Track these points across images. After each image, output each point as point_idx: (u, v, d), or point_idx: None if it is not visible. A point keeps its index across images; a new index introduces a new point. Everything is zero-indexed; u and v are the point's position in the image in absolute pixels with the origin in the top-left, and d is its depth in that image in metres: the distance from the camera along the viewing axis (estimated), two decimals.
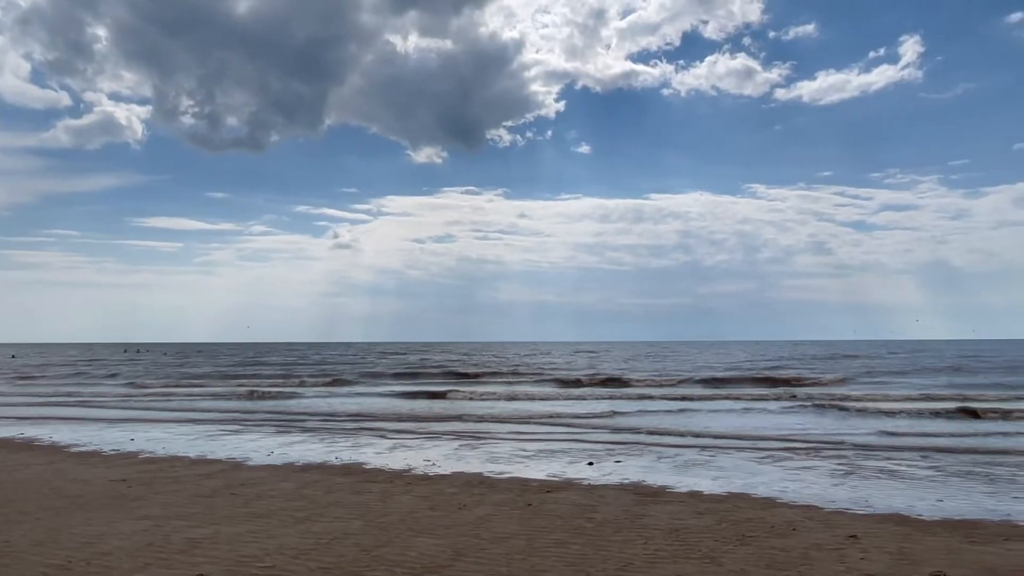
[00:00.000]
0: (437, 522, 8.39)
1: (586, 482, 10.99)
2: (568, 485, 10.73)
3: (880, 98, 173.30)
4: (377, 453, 14.01)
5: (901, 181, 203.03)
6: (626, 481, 11.07)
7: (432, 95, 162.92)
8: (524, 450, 14.27)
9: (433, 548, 7.30)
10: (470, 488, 10.45)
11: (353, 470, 12.08)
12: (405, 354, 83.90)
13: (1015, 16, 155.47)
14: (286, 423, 19.74)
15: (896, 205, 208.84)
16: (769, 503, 9.52)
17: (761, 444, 15.17)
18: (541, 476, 11.48)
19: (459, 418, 20.75)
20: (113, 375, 46.95)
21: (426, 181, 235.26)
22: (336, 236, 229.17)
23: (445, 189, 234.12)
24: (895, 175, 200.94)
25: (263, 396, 28.64)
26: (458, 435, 16.82)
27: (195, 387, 34.93)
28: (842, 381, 35.51)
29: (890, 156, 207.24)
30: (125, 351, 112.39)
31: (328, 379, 38.87)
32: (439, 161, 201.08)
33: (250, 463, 12.84)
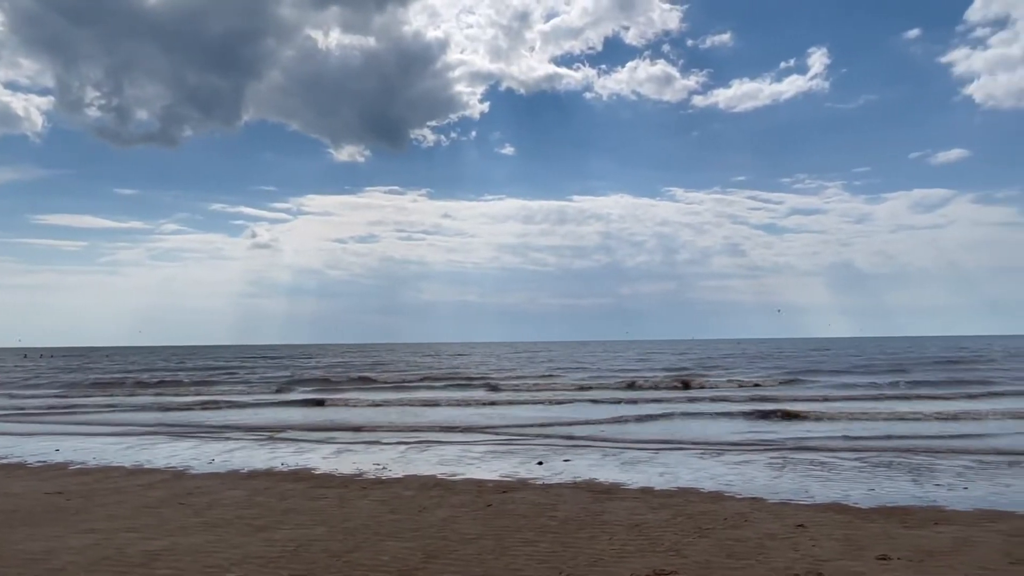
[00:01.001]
0: (401, 525, 8.41)
1: (539, 481, 11.19)
2: (523, 485, 10.90)
3: (790, 107, 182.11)
4: (323, 458, 13.81)
5: (809, 186, 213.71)
6: (578, 479, 11.33)
7: (354, 93, 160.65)
8: (471, 452, 14.36)
9: (404, 551, 7.32)
10: (427, 491, 10.47)
11: (302, 476, 11.90)
12: (314, 357, 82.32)
13: (912, 32, 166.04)
14: (210, 432, 19.15)
15: (804, 209, 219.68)
16: (718, 497, 9.95)
17: (701, 442, 15.77)
18: (494, 477, 11.62)
19: (345, 428, 20.63)
20: (5, 383, 44.23)
21: (348, 180, 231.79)
22: (254, 235, 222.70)
23: (368, 188, 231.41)
24: (803, 180, 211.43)
25: (172, 407, 27.57)
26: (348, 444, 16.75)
27: (105, 395, 33.36)
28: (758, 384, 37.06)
29: (799, 162, 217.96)
30: (25, 356, 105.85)
31: (245, 385, 37.81)
32: (361, 160, 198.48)
33: (193, 472, 12.44)
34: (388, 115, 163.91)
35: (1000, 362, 50.50)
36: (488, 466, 12.68)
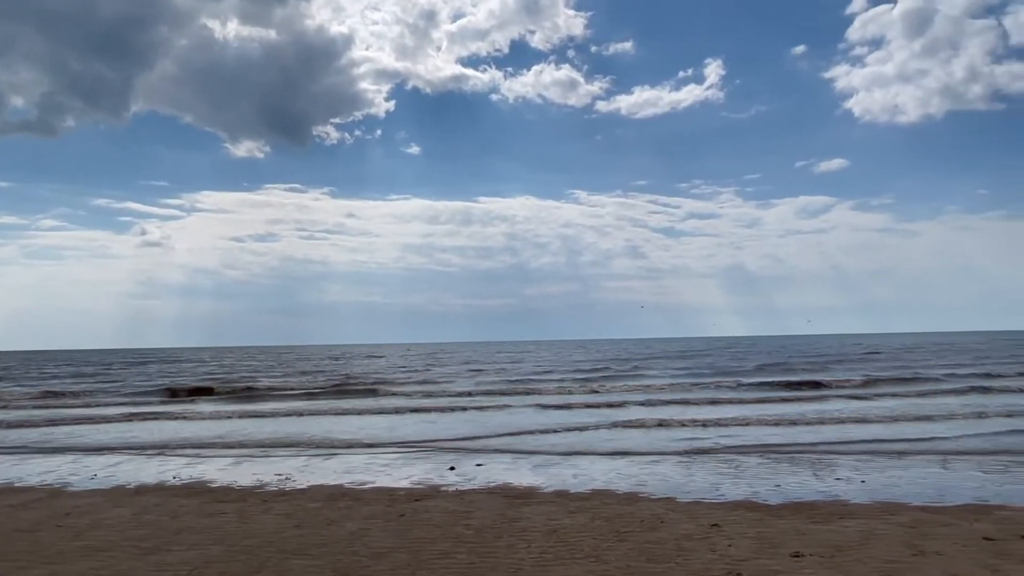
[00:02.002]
0: (308, 541, 7.89)
1: (453, 488, 10.87)
2: (436, 492, 10.54)
3: (687, 115, 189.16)
4: (220, 469, 12.96)
5: (705, 192, 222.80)
6: (493, 484, 11.08)
7: (253, 86, 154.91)
8: (380, 459, 13.86)
9: (312, 570, 6.85)
10: (334, 502, 9.95)
11: (197, 490, 11.09)
12: (203, 361, 78.81)
13: (799, 48, 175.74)
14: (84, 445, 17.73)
15: (700, 213, 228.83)
16: (632, 498, 9.93)
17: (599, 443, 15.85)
18: (406, 484, 11.20)
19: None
20: None
21: (246, 176, 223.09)
22: (144, 232, 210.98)
23: (267, 186, 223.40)
24: (700, 186, 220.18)
25: (49, 420, 25.57)
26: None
27: None
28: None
29: (695, 168, 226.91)
30: None
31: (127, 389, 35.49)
32: (261, 156, 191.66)
33: (72, 488, 11.37)
34: (289, 110, 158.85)
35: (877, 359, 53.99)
36: (399, 473, 12.24)
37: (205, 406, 26.50)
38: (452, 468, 12.50)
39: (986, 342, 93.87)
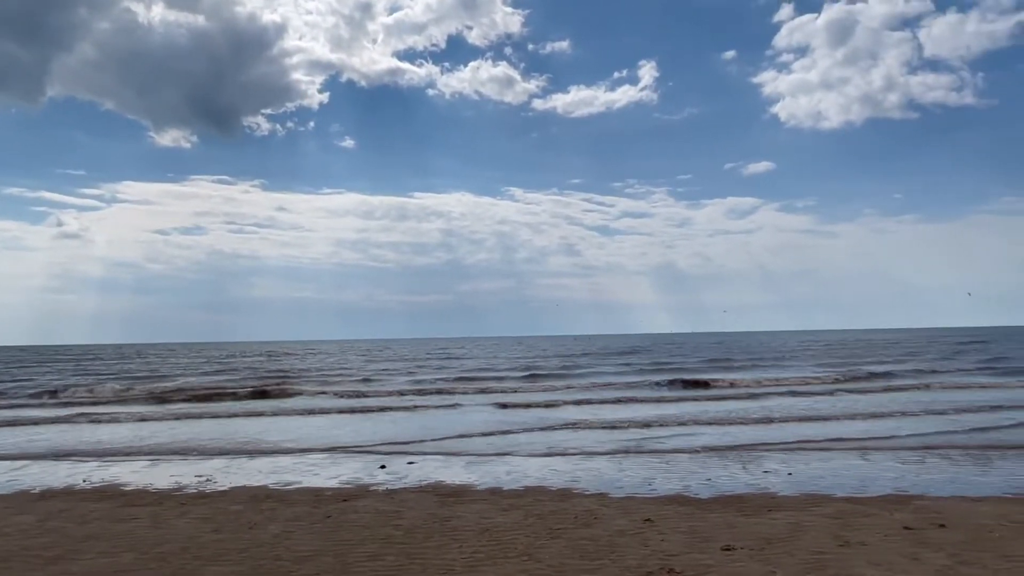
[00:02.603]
0: (226, 547, 7.49)
1: (383, 487, 10.57)
2: (365, 492, 10.23)
3: (622, 115, 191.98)
4: (135, 472, 12.28)
5: (638, 191, 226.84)
6: (424, 482, 10.83)
7: (180, 73, 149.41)
8: (308, 458, 13.40)
9: None
10: (257, 504, 9.52)
11: (109, 494, 10.45)
12: (119, 359, 75.75)
13: (729, 53, 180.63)
14: None
15: (634, 212, 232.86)
16: (566, 494, 9.85)
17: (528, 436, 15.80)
18: (334, 484, 10.83)
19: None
20: None
21: (171, 167, 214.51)
22: (60, 224, 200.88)
23: (194, 177, 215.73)
24: (633, 185, 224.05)
25: None
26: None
27: None
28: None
29: (629, 168, 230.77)
30: None
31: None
32: (187, 146, 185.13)
33: None
34: (218, 100, 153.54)
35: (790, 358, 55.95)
36: (328, 472, 11.84)
37: (125, 407, 25.27)
38: (383, 467, 12.18)
39: (906, 339, 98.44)
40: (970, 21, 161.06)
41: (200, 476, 11.65)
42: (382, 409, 22.47)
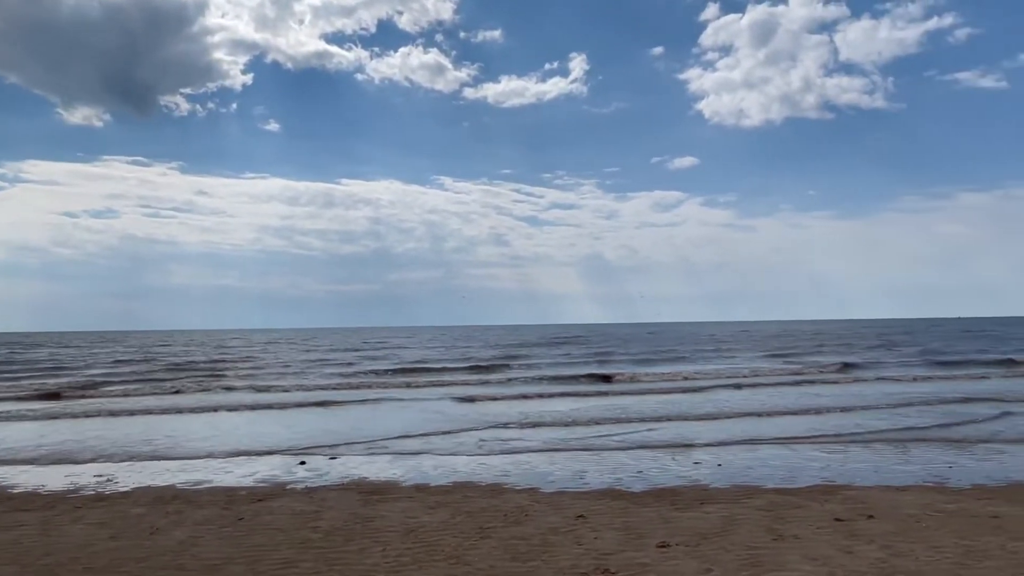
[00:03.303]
0: (124, 555, 6.80)
1: (302, 485, 9.97)
2: (282, 491, 9.61)
3: (552, 106, 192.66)
4: (25, 471, 11.26)
5: (567, 183, 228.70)
6: (347, 479, 10.28)
7: (92, 48, 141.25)
8: (221, 456, 12.58)
9: None
10: (162, 506, 8.78)
11: None
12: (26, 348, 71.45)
13: (657, 49, 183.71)
14: None
15: (563, 204, 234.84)
16: (496, 490, 9.49)
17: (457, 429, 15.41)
18: (248, 483, 10.15)
19: None
20: None
21: (82, 146, 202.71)
22: None
23: (106, 157, 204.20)
24: (562, 177, 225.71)
25: None
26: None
27: None
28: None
29: (559, 160, 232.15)
30: None
31: None
32: (99, 124, 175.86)
33: None
34: (133, 77, 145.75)
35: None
36: (243, 470, 11.12)
37: (22, 404, 23.54)
38: (303, 463, 11.54)
39: (829, 331, 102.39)
40: (882, 28, 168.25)
41: (100, 476, 10.75)
42: (303, 405, 21.63)
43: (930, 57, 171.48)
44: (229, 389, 26.03)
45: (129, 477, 10.66)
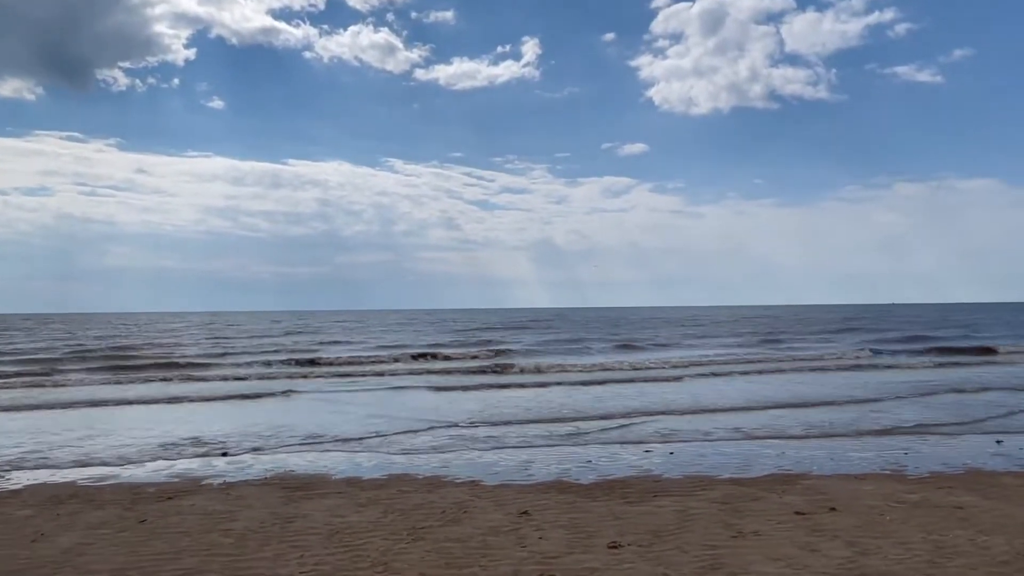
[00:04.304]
0: None
1: (220, 480, 9.06)
2: (196, 487, 8.68)
3: (504, 90, 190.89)
4: None
5: (518, 167, 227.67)
6: (271, 472, 9.41)
7: (22, 17, 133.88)
8: (135, 440, 11.51)
9: None
10: (55, 506, 7.78)
11: None
12: None
13: (609, 35, 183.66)
14: None
15: (513, 188, 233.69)
16: (435, 483, 8.75)
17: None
18: (160, 478, 9.19)
19: None
20: None
21: (11, 120, 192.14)
22: None
23: (39, 132, 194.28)
24: (513, 161, 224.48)
25: None
26: None
27: None
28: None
29: (510, 144, 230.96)
30: None
31: None
32: (31, 98, 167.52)
33: None
34: (67, 49, 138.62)
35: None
36: (157, 464, 10.13)
37: None
38: (224, 454, 10.60)
39: (782, 316, 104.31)
40: (826, 20, 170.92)
41: None
42: (232, 397, 20.50)
43: (871, 50, 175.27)
44: (169, 378, 24.62)
45: (24, 474, 9.56)
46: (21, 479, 9.21)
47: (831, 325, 63.14)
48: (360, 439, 11.88)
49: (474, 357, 31.20)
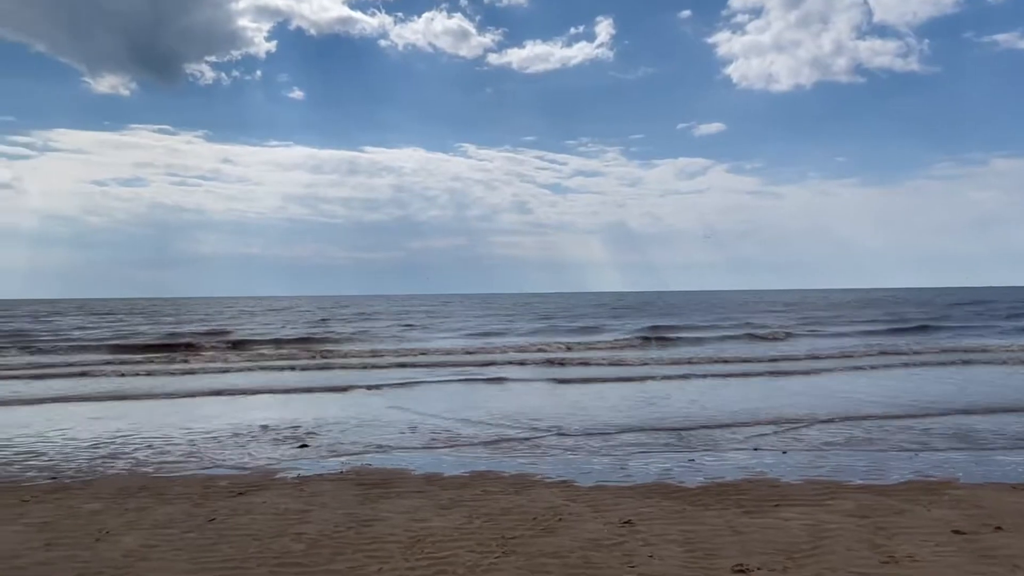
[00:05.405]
0: (53, 571, 5.36)
1: (295, 472, 8.52)
2: (269, 480, 8.15)
3: (577, 72, 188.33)
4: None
5: (591, 150, 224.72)
6: (347, 466, 8.80)
7: (117, 15, 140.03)
8: (213, 427, 11.16)
9: None
10: (124, 499, 7.36)
11: None
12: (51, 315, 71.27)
13: (684, 12, 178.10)
14: None
15: (586, 171, 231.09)
16: (523, 482, 7.94)
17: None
18: (231, 470, 8.72)
19: None
20: None
21: (108, 115, 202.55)
22: None
23: (133, 126, 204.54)
24: (586, 144, 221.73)
25: None
26: None
27: None
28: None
29: (583, 126, 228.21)
30: None
31: None
32: (126, 93, 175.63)
33: None
34: (158, 45, 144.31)
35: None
36: (232, 452, 9.70)
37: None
38: (304, 446, 10.08)
39: (879, 300, 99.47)
40: None
41: (57, 473, 9.38)
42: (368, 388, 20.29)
43: (967, 18, 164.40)
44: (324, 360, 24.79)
45: (104, 463, 9.28)
46: (98, 468, 8.90)
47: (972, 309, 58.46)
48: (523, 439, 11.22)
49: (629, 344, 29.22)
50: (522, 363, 21.73)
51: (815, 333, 34.32)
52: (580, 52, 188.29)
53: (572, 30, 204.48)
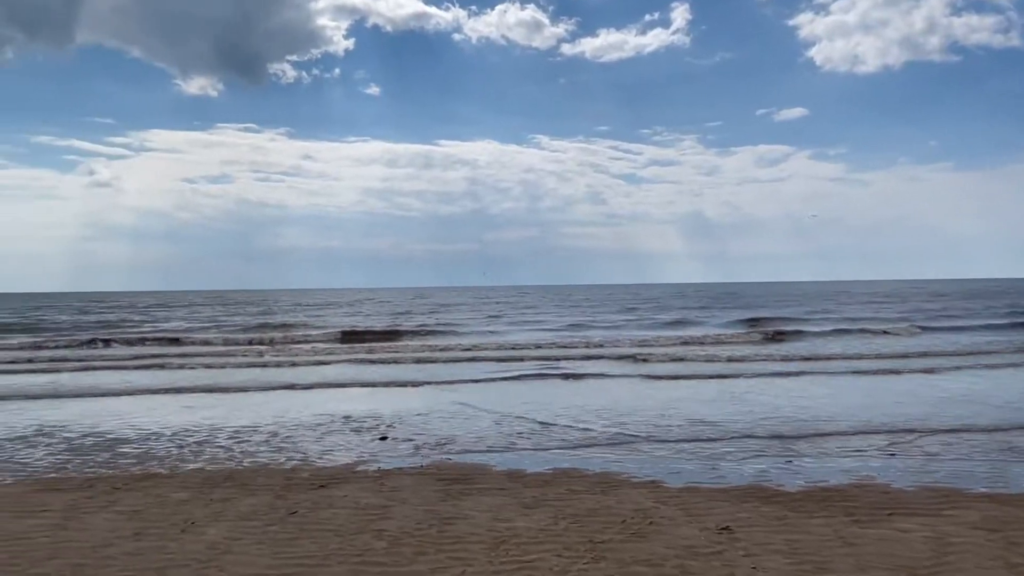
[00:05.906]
0: (138, 564, 5.36)
1: (375, 466, 8.42)
2: (350, 473, 8.07)
3: (652, 60, 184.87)
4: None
5: (666, 138, 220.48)
6: (427, 460, 8.65)
7: (206, 20, 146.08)
8: (297, 417, 11.25)
9: None
10: (209, 489, 7.40)
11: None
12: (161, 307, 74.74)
13: None
14: None
15: (661, 160, 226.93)
16: (608, 481, 7.58)
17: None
18: (314, 462, 8.70)
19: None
20: None
21: (198, 115, 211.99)
22: (92, 172, 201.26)
23: (220, 125, 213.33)
24: (661, 133, 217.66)
25: None
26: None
27: None
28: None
29: (657, 115, 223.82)
30: None
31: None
32: (214, 94, 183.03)
33: None
34: (243, 46, 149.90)
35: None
36: (311, 445, 9.72)
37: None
38: (384, 438, 10.00)
39: (979, 291, 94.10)
40: None
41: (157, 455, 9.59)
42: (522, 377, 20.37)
43: None
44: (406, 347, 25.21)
45: (191, 453, 9.44)
46: (188, 458, 9.05)
47: None
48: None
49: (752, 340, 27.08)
50: (618, 358, 20.92)
51: (929, 329, 31.41)
52: (655, 39, 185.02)
53: (647, 17, 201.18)
